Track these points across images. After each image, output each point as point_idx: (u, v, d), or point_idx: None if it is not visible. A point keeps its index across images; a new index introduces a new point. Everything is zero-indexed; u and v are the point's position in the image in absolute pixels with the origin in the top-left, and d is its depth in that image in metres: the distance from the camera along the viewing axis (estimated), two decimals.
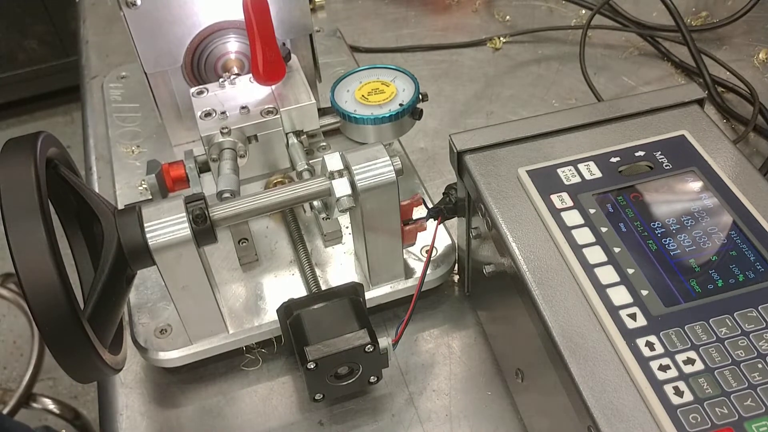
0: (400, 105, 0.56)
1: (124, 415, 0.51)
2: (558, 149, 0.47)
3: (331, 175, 0.47)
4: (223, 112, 0.54)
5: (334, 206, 0.47)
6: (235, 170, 0.51)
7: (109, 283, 0.44)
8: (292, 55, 0.59)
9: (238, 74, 0.59)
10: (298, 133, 0.56)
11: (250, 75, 0.57)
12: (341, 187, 0.47)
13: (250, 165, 0.55)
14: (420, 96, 0.57)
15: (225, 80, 0.57)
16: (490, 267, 0.47)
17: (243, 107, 0.55)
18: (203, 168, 0.54)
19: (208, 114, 0.55)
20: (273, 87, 0.56)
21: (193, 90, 0.57)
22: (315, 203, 0.51)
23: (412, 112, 0.57)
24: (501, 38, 0.83)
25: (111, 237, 0.43)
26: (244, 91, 0.56)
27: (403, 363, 0.53)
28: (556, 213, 0.43)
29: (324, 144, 0.59)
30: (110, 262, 0.43)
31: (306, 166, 0.53)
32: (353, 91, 0.58)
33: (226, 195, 0.49)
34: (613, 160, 0.45)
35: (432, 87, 0.78)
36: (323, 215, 0.51)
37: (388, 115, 0.55)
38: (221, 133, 0.52)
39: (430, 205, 0.55)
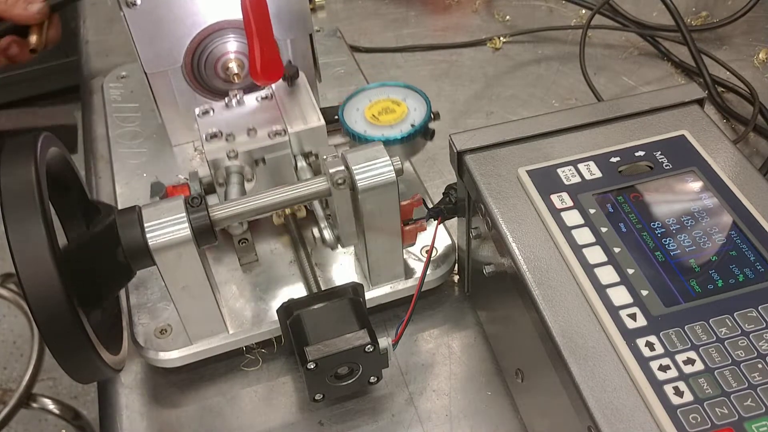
0: (412, 126, 0.54)
1: (124, 415, 0.51)
2: (558, 149, 0.47)
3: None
4: (230, 134, 0.52)
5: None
6: (243, 195, 0.50)
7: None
8: (300, 73, 0.57)
9: (243, 91, 0.57)
10: (306, 155, 0.54)
11: (258, 95, 0.56)
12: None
13: (257, 189, 0.53)
14: (432, 115, 0.56)
15: (231, 99, 0.56)
16: (490, 267, 0.47)
17: (250, 129, 0.53)
18: (208, 190, 0.53)
19: (213, 135, 0.53)
20: (281, 107, 0.54)
21: (198, 110, 0.55)
22: (327, 237, 0.50)
23: (424, 133, 0.55)
24: (501, 38, 0.83)
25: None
26: (250, 112, 0.55)
27: (403, 363, 0.53)
28: (556, 213, 0.43)
29: None
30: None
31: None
32: (363, 110, 0.56)
33: (235, 224, 0.47)
34: (613, 160, 0.45)
35: (432, 87, 0.78)
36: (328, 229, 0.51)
37: (399, 136, 0.53)
38: (228, 156, 0.51)
39: (430, 205, 0.55)
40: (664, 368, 0.35)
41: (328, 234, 0.50)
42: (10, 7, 0.66)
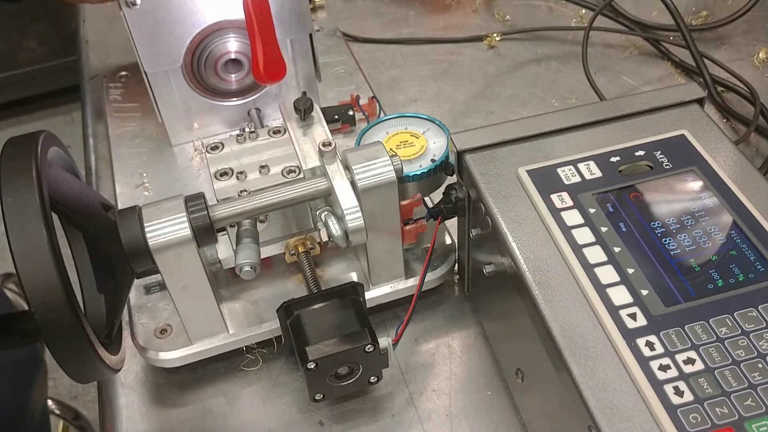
0: (432, 161, 0.52)
1: (124, 416, 0.51)
2: (558, 149, 0.47)
3: (328, 215, 0.47)
4: (241, 172, 0.51)
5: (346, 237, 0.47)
6: (255, 238, 0.48)
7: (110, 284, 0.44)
8: (315, 105, 0.55)
9: (253, 132, 0.55)
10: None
11: (270, 129, 0.55)
12: (333, 228, 0.46)
13: (269, 227, 0.52)
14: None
15: (243, 134, 0.54)
16: (490, 267, 0.47)
17: (263, 166, 0.51)
18: (219, 229, 0.51)
19: (224, 173, 0.51)
20: (295, 142, 0.53)
21: (208, 145, 0.53)
22: (334, 232, 0.47)
23: (445, 167, 0.52)
24: (496, 35, 0.83)
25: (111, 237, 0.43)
26: (263, 148, 0.53)
27: (403, 363, 0.53)
28: (556, 212, 0.43)
29: None
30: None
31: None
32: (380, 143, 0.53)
33: (247, 269, 0.46)
34: (613, 159, 0.45)
35: (432, 87, 0.78)
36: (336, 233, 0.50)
37: (419, 172, 0.51)
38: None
39: (431, 205, 0.55)
40: (664, 368, 0.35)
41: (335, 229, 0.47)
42: None
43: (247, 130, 0.55)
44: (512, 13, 0.88)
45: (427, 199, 0.60)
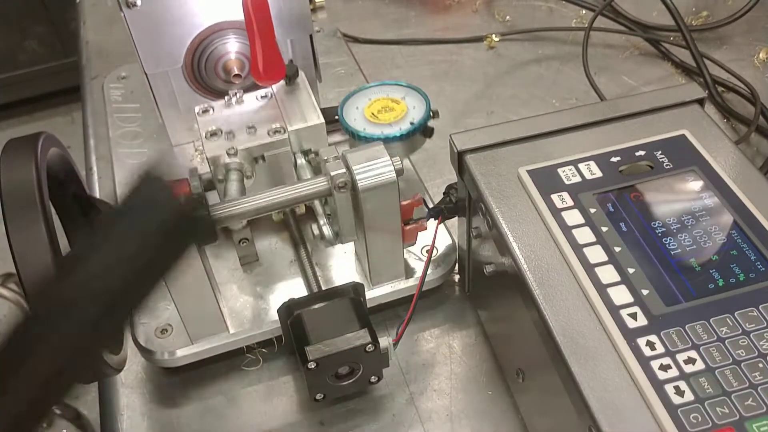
0: (411, 123, 0.55)
1: (125, 415, 0.51)
2: (558, 149, 0.47)
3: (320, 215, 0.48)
4: (230, 132, 0.53)
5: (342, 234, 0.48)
6: (242, 192, 0.50)
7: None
8: (300, 72, 0.58)
9: (243, 90, 0.57)
10: (306, 153, 0.55)
11: (257, 93, 0.57)
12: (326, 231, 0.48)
13: (256, 186, 0.53)
14: (431, 114, 0.56)
15: (231, 98, 0.56)
16: (491, 267, 0.47)
17: (250, 126, 0.54)
18: (208, 187, 0.53)
19: (213, 134, 0.54)
20: (281, 105, 0.56)
21: (198, 109, 0.56)
22: (326, 233, 0.51)
23: (423, 131, 0.55)
24: (495, 36, 0.83)
25: None
26: (250, 110, 0.55)
27: (403, 363, 0.53)
28: (556, 212, 0.43)
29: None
30: None
31: None
32: (362, 108, 0.57)
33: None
34: (614, 159, 0.45)
35: (432, 87, 0.78)
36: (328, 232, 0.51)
37: (398, 134, 0.54)
38: (228, 153, 0.52)
39: (431, 205, 0.55)
40: (664, 368, 0.35)
41: (327, 231, 0.51)
42: None
43: (236, 95, 0.57)
44: (512, 13, 0.88)
45: (427, 198, 0.60)
